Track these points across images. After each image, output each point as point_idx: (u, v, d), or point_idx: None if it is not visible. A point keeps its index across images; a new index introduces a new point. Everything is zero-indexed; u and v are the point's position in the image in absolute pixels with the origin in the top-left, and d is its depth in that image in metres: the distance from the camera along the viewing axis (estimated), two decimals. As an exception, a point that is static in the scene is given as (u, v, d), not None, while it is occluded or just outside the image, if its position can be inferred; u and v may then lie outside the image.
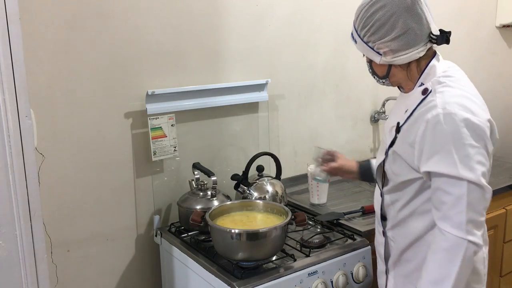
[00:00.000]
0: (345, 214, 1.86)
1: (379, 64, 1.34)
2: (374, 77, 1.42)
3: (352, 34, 1.37)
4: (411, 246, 1.37)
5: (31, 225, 1.16)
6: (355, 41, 1.36)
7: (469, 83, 1.33)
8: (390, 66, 1.34)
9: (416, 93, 1.32)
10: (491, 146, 1.25)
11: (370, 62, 1.39)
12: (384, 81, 1.39)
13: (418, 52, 1.29)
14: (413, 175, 1.31)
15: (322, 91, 2.32)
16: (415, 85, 1.34)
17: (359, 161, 1.68)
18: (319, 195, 2.02)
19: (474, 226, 1.20)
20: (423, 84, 1.31)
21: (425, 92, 1.29)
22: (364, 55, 1.39)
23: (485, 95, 1.35)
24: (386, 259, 1.47)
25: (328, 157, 1.67)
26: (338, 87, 2.37)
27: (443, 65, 1.34)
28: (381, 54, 1.31)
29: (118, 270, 1.86)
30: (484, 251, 1.38)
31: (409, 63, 1.32)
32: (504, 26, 3.04)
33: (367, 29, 1.29)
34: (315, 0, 2.21)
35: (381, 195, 1.44)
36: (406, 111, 1.33)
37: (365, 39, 1.31)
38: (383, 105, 2.51)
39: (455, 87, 1.26)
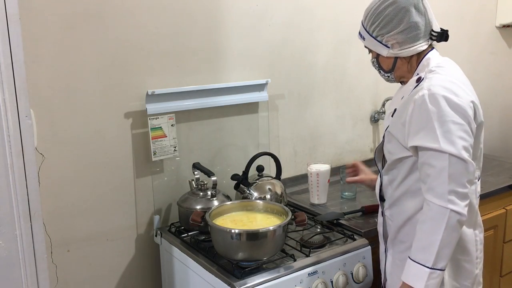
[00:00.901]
0: (345, 214, 1.87)
1: (386, 58, 1.47)
2: (380, 72, 1.53)
3: (360, 33, 1.51)
4: (404, 225, 1.47)
5: (31, 225, 1.16)
6: (363, 38, 1.49)
7: (459, 72, 1.44)
8: (396, 59, 1.47)
9: (411, 82, 1.46)
10: (474, 125, 1.34)
11: (377, 57, 1.50)
12: (389, 75, 1.51)
13: (421, 46, 1.43)
14: (405, 153, 1.41)
15: (322, 91, 2.32)
16: (412, 76, 1.48)
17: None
18: (319, 195, 2.02)
19: (457, 196, 1.28)
20: (418, 74, 1.45)
21: (419, 80, 1.42)
22: (369, 53, 1.53)
23: (484, 95, 1.37)
24: (385, 238, 1.56)
25: (350, 170, 1.85)
26: (338, 87, 2.37)
27: (438, 59, 1.46)
28: (388, 47, 1.44)
29: (118, 270, 1.86)
30: (477, 233, 1.48)
31: (411, 57, 1.45)
32: (504, 26, 3.04)
33: (377, 24, 1.43)
34: (315, 0, 2.21)
35: (380, 176, 1.54)
36: (402, 97, 1.46)
37: (374, 34, 1.45)
38: (383, 105, 2.51)
39: (442, 74, 1.38)
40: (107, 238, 1.81)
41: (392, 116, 1.48)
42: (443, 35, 1.45)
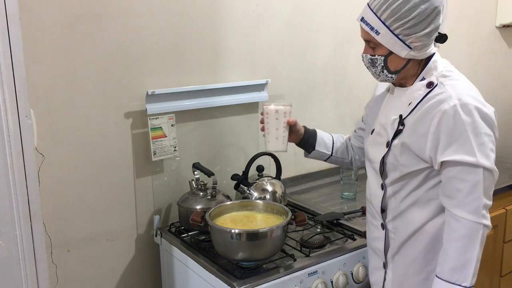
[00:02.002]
0: (345, 214, 1.86)
1: (400, 58, 1.33)
2: (383, 72, 1.37)
3: (369, 23, 1.31)
4: (411, 236, 1.39)
5: (31, 225, 1.16)
6: (377, 33, 1.30)
7: (466, 78, 1.39)
8: (409, 60, 1.34)
9: (419, 86, 1.35)
10: (497, 135, 1.32)
11: (386, 55, 1.34)
12: (393, 76, 1.37)
13: (434, 48, 1.35)
14: (421, 165, 1.32)
15: (322, 91, 2.32)
16: (415, 79, 1.37)
17: (305, 127, 1.68)
18: (278, 138, 1.58)
19: (486, 210, 1.26)
20: (425, 78, 1.35)
21: (430, 85, 1.32)
22: (371, 47, 1.35)
23: (485, 95, 1.36)
24: (386, 252, 1.46)
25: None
26: (338, 87, 2.37)
27: (443, 63, 1.39)
28: (411, 48, 1.30)
29: (118, 270, 1.86)
30: None
31: (421, 59, 1.36)
32: (504, 26, 3.04)
33: (405, 22, 1.27)
34: (315, 0, 2.21)
35: (382, 187, 1.43)
36: (409, 104, 1.35)
37: (397, 31, 1.28)
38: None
39: (461, 80, 1.32)
40: (107, 238, 1.81)
41: (400, 124, 1.35)
42: (441, 37, 1.37)
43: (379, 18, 1.29)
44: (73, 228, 1.73)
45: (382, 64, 1.35)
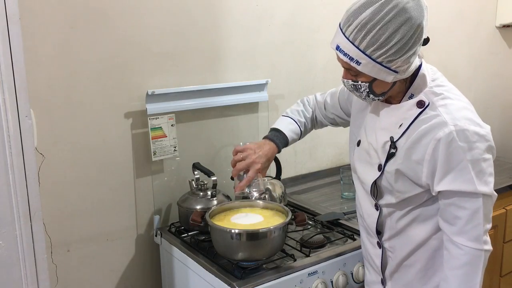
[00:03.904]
0: (345, 214, 1.86)
1: (386, 82, 1.21)
2: (369, 96, 1.26)
3: (346, 54, 1.18)
4: (412, 254, 1.34)
5: (31, 225, 1.16)
6: (358, 63, 1.17)
7: (457, 89, 1.29)
8: (395, 82, 1.23)
9: (408, 106, 1.25)
10: (495, 153, 1.25)
11: (371, 82, 1.22)
12: (380, 98, 1.27)
13: (417, 60, 1.23)
14: (418, 190, 1.26)
15: (322, 91, 2.31)
16: (403, 96, 1.28)
17: (276, 143, 1.58)
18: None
19: (487, 234, 1.22)
20: (413, 95, 1.25)
21: (421, 105, 1.23)
22: (353, 75, 1.24)
23: (485, 95, 1.35)
24: (383, 269, 1.43)
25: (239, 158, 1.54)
26: (338, 87, 2.36)
27: (430, 73, 1.28)
28: (397, 72, 1.18)
29: (118, 270, 1.86)
30: None
31: None
32: (504, 26, 3.04)
33: (387, 49, 1.13)
34: (315, 0, 2.21)
35: (377, 208, 1.37)
36: (400, 125, 1.25)
37: (380, 59, 1.15)
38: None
39: (454, 99, 1.23)
40: (107, 238, 1.81)
41: (392, 149, 1.26)
42: (425, 41, 1.21)
43: (357, 48, 1.15)
44: (73, 228, 1.73)
45: (368, 90, 1.24)
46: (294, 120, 1.67)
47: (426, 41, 1.21)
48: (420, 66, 1.26)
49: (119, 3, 1.70)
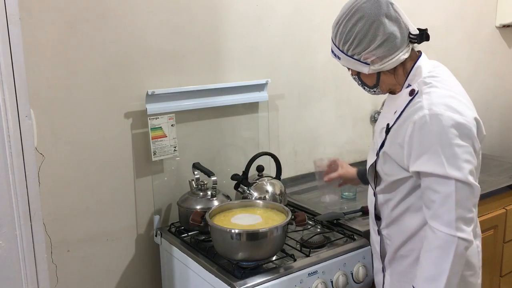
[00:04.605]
0: (345, 214, 1.86)
1: (368, 74, 1.37)
2: (365, 88, 1.44)
3: (333, 51, 1.40)
4: (406, 243, 1.39)
5: (31, 225, 1.16)
6: (339, 58, 1.38)
7: (454, 82, 1.35)
8: (379, 73, 1.37)
9: (404, 94, 1.35)
10: (478, 144, 1.28)
11: (357, 74, 1.41)
12: (375, 90, 1.42)
13: (403, 54, 1.32)
14: (404, 174, 1.33)
15: (322, 91, 2.32)
16: (402, 87, 1.37)
17: (358, 168, 1.71)
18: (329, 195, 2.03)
19: (464, 222, 1.22)
20: (410, 85, 1.34)
21: (412, 93, 1.32)
22: (349, 70, 1.42)
23: (485, 95, 1.36)
24: (383, 257, 1.49)
25: (328, 170, 1.74)
26: (338, 87, 2.37)
27: (429, 65, 1.36)
28: (368, 64, 1.33)
29: (118, 270, 1.86)
30: (478, 244, 1.43)
31: (395, 68, 1.35)
32: (504, 26, 3.04)
33: (350, 43, 1.32)
34: (315, 0, 2.21)
35: (374, 194, 1.46)
36: (395, 112, 1.36)
37: (349, 53, 1.33)
38: (383, 105, 2.51)
39: (440, 87, 1.29)
40: (107, 238, 1.81)
41: (386, 133, 1.37)
42: (423, 36, 1.32)
43: (336, 45, 1.37)
44: (73, 228, 1.73)
45: (360, 82, 1.43)
46: None
47: (426, 37, 1.32)
48: (418, 59, 1.35)
49: (119, 3, 1.70)
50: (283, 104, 2.20)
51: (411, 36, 1.32)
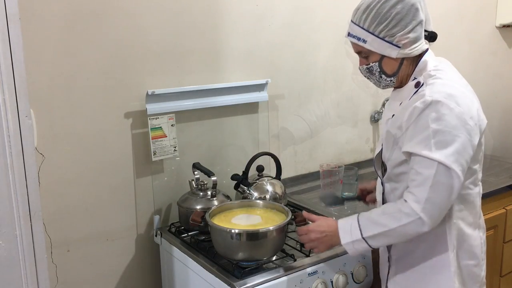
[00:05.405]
0: (344, 198, 1.89)
1: (393, 60, 1.38)
2: (382, 77, 1.42)
3: (353, 35, 1.40)
4: None
5: (31, 225, 1.16)
6: (364, 41, 1.38)
7: (458, 75, 1.41)
8: (402, 60, 1.39)
9: (409, 86, 1.41)
10: (477, 137, 1.32)
11: (379, 61, 1.40)
12: (392, 79, 1.42)
13: (424, 44, 1.39)
14: (403, 157, 1.37)
15: (322, 90, 2.32)
16: (408, 79, 1.43)
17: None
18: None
19: (432, 207, 1.27)
20: (416, 78, 1.40)
21: (418, 85, 1.38)
22: (365, 58, 1.42)
23: (485, 95, 1.37)
24: (389, 247, 1.51)
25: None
26: (338, 87, 2.37)
27: (435, 60, 1.41)
28: (399, 47, 1.35)
29: (118, 270, 1.86)
30: (482, 236, 1.47)
31: (413, 58, 1.39)
32: (504, 26, 3.03)
33: (387, 23, 1.33)
34: (315, 0, 2.21)
35: (382, 184, 1.49)
36: (400, 103, 1.42)
37: (381, 34, 1.35)
38: (383, 105, 2.51)
39: (444, 79, 1.34)
40: (107, 238, 1.81)
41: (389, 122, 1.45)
42: (431, 36, 1.40)
43: (362, 28, 1.37)
44: (73, 228, 1.73)
45: (379, 70, 1.41)
46: None
47: (434, 37, 1.40)
48: (424, 53, 1.40)
49: (119, 3, 1.70)
50: (283, 104, 2.20)
51: (424, 32, 1.39)
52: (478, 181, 1.44)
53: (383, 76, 1.42)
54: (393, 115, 1.42)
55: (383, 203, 1.49)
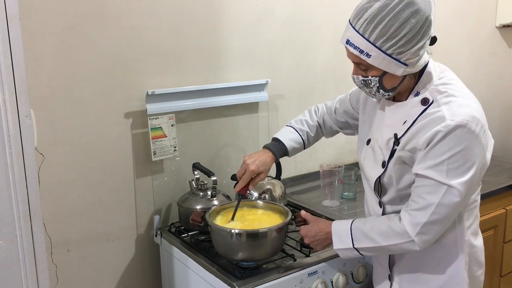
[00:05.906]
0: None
1: (395, 76, 1.23)
2: (379, 91, 1.27)
3: (356, 47, 1.19)
4: (419, 254, 1.35)
5: (31, 225, 1.16)
6: (368, 55, 1.18)
7: (462, 84, 1.30)
8: (405, 76, 1.24)
9: (413, 103, 1.27)
10: (488, 160, 1.26)
11: (380, 76, 1.23)
12: (390, 93, 1.28)
13: (427, 54, 1.25)
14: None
15: (322, 91, 2.32)
16: (409, 93, 1.30)
17: (273, 151, 1.61)
18: (331, 196, 2.02)
19: (428, 231, 1.24)
20: (419, 93, 1.27)
21: (425, 102, 1.25)
22: (364, 71, 1.25)
23: (485, 95, 1.36)
24: (391, 266, 1.44)
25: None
26: (338, 87, 2.37)
27: (437, 71, 1.30)
28: (407, 65, 1.19)
29: (118, 270, 1.86)
30: (481, 242, 1.43)
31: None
32: (504, 26, 3.04)
33: (397, 40, 1.15)
34: (315, 0, 2.21)
35: (380, 205, 1.40)
36: (404, 122, 1.28)
37: (389, 51, 1.16)
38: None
39: (458, 96, 1.23)
40: (107, 238, 1.81)
41: (395, 146, 1.29)
42: (432, 40, 1.23)
43: (367, 40, 1.17)
44: (73, 228, 1.73)
45: (378, 85, 1.25)
46: (295, 129, 1.70)
47: (434, 40, 1.23)
48: (427, 63, 1.27)
49: (119, 4, 1.70)
50: (283, 104, 2.20)
51: None
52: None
53: (380, 90, 1.27)
54: (396, 134, 1.29)
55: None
